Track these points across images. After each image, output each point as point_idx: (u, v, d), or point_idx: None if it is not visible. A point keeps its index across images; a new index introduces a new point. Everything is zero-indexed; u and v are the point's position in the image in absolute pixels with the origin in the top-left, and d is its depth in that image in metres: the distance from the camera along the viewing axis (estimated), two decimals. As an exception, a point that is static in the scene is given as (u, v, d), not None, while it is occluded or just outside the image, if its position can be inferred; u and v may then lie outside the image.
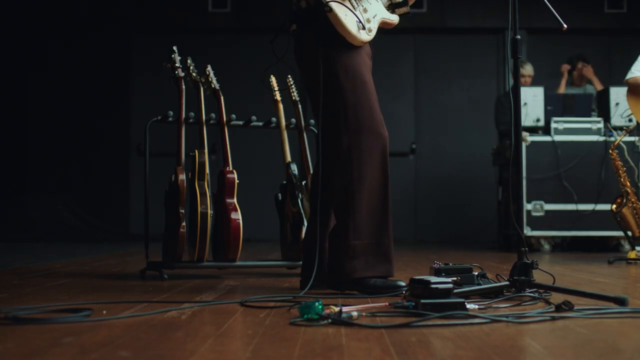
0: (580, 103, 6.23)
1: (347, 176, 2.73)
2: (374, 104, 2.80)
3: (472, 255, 5.62)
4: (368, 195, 2.73)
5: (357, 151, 2.73)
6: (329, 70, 2.77)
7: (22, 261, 4.80)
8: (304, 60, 2.88)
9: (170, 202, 3.50)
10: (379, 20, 2.91)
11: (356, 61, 2.79)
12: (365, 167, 2.73)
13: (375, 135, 2.76)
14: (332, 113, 2.78)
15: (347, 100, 2.75)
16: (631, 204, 4.73)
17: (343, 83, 2.76)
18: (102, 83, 8.91)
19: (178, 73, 3.67)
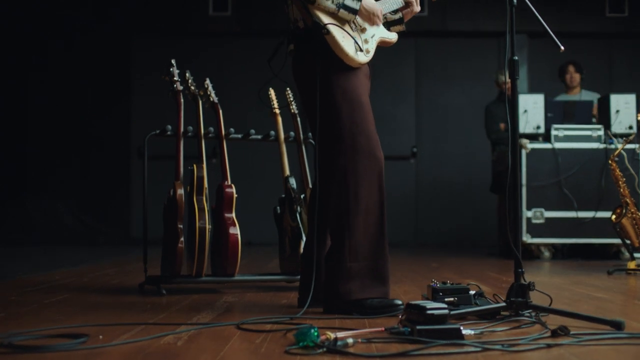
0: (580, 110, 6.22)
1: (343, 198, 2.73)
2: (371, 126, 2.80)
3: (472, 263, 5.62)
4: (364, 217, 2.73)
5: (353, 173, 2.73)
6: (326, 91, 2.76)
7: (22, 271, 4.80)
8: (301, 81, 2.87)
9: (168, 217, 3.51)
10: (377, 39, 2.91)
11: (354, 83, 2.79)
12: (361, 189, 2.73)
13: (371, 158, 2.76)
14: (329, 134, 2.78)
15: (343, 122, 2.75)
16: (631, 215, 4.73)
17: (340, 105, 2.76)
18: (102, 85, 8.91)
19: (176, 87, 3.67)
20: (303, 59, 2.84)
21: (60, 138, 8.89)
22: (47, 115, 8.92)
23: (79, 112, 8.92)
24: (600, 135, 6.06)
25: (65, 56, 8.92)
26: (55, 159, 8.87)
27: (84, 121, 8.90)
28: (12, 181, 8.87)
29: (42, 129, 8.92)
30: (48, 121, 8.92)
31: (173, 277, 3.43)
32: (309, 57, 2.79)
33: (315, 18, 2.73)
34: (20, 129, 8.99)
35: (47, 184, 8.81)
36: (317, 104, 2.77)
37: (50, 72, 8.92)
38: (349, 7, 2.76)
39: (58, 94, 8.91)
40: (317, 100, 2.77)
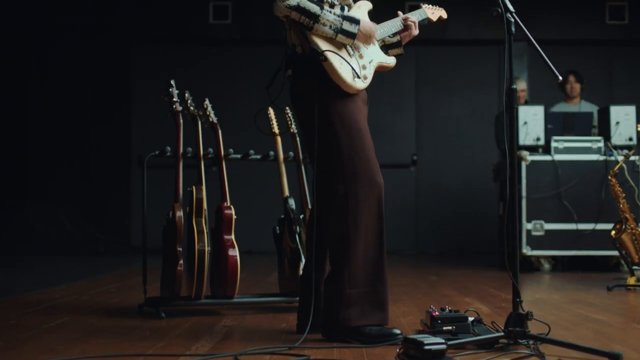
0: (580, 122, 6.22)
1: (343, 224, 2.74)
2: (370, 152, 2.81)
3: (471, 277, 5.62)
4: (364, 243, 2.74)
5: (353, 199, 2.74)
6: (324, 117, 2.77)
7: (22, 285, 4.82)
8: (299, 107, 2.88)
9: (167, 239, 3.51)
10: (375, 65, 2.91)
11: (351, 109, 2.80)
12: (361, 215, 2.74)
13: (371, 183, 2.77)
14: (328, 161, 2.78)
15: (342, 148, 2.76)
16: (630, 230, 4.73)
17: (338, 131, 2.76)
18: (103, 92, 8.91)
19: (175, 107, 3.66)
20: (301, 85, 2.84)
21: (61, 145, 8.89)
22: (48, 122, 8.92)
23: (79, 118, 8.92)
24: (600, 147, 6.06)
25: (65, 64, 8.91)
26: (56, 166, 8.86)
27: (84, 128, 8.90)
28: (13, 189, 8.87)
29: (42, 136, 8.92)
30: (48, 128, 8.91)
31: (172, 299, 3.43)
32: (307, 83, 2.80)
33: (312, 45, 2.74)
34: (20, 136, 8.98)
35: (48, 192, 8.81)
36: (316, 131, 2.77)
37: (50, 80, 8.92)
38: (347, 32, 2.77)
39: (58, 100, 8.90)
40: (315, 127, 2.78)
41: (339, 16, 2.75)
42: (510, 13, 2.65)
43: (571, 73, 6.92)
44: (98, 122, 8.90)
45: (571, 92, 6.88)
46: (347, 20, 2.75)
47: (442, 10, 3.38)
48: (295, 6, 2.68)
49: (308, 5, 2.69)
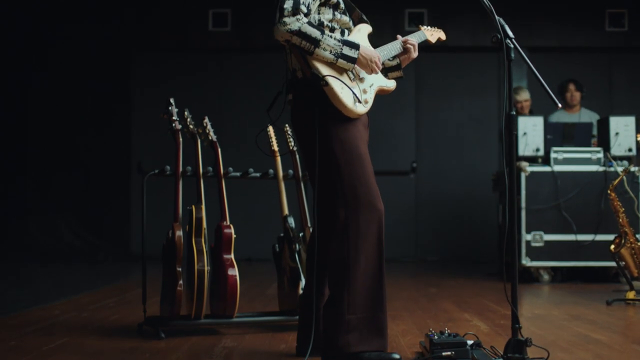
0: (580, 132, 6.22)
1: (343, 250, 2.74)
2: (370, 177, 2.81)
3: (471, 289, 5.62)
4: (364, 269, 2.74)
5: (354, 225, 2.74)
6: (325, 142, 2.77)
7: (22, 299, 4.82)
8: (300, 131, 2.88)
9: (167, 258, 3.51)
10: (376, 89, 2.91)
11: (352, 134, 2.80)
12: (361, 241, 2.74)
13: (371, 209, 2.77)
14: (328, 185, 2.79)
15: (343, 174, 2.76)
16: (630, 244, 4.74)
17: (339, 156, 2.76)
18: (103, 100, 8.91)
19: (175, 125, 3.66)
20: (301, 109, 2.84)
21: (61, 152, 8.89)
22: (47, 129, 8.92)
23: (79, 126, 8.92)
24: (600, 157, 6.06)
25: (65, 71, 8.91)
26: (55, 174, 8.86)
27: (84, 136, 8.90)
28: (12, 197, 8.86)
29: (42, 143, 8.92)
30: (48, 135, 8.92)
31: (172, 319, 3.43)
32: (308, 108, 2.80)
33: (313, 70, 2.74)
34: (20, 143, 8.99)
35: (47, 199, 8.81)
36: (316, 156, 2.77)
37: (50, 88, 8.93)
38: (348, 57, 2.76)
39: (58, 107, 8.91)
40: (315, 150, 2.78)
41: (340, 41, 2.75)
42: (510, 39, 2.63)
43: (571, 82, 6.92)
44: (98, 129, 8.90)
45: (571, 101, 6.88)
46: (347, 46, 2.75)
47: (441, 32, 3.38)
48: (297, 31, 2.68)
49: (309, 30, 2.69)
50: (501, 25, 2.68)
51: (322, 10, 2.85)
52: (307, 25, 2.69)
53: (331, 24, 2.86)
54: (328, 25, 2.84)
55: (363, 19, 3.05)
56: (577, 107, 6.92)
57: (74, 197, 8.84)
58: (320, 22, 2.83)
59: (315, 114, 2.76)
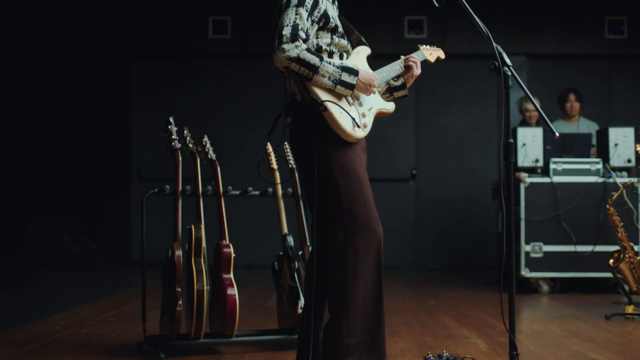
0: (579, 143, 6.22)
1: (341, 273, 2.75)
2: (369, 201, 2.82)
3: (471, 301, 5.63)
4: (362, 292, 2.75)
5: (352, 249, 2.75)
6: (324, 166, 2.78)
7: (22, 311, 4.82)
8: (299, 154, 2.89)
9: (167, 278, 3.52)
10: (375, 112, 2.92)
11: (351, 158, 2.80)
12: (360, 264, 2.75)
13: (370, 233, 2.77)
14: (327, 209, 2.80)
15: (341, 198, 2.77)
16: (628, 259, 4.74)
17: (338, 180, 2.77)
18: (102, 107, 8.93)
19: (174, 144, 3.67)
20: (301, 134, 2.85)
21: (61, 158, 8.90)
22: (48, 135, 8.93)
23: (79, 132, 8.92)
24: (599, 168, 6.06)
25: (65, 78, 8.92)
26: (55, 180, 8.87)
27: (84, 142, 8.91)
28: (13, 204, 8.87)
29: (42, 149, 8.93)
30: (48, 141, 8.93)
31: (171, 339, 3.44)
32: (307, 132, 2.81)
33: (312, 95, 2.74)
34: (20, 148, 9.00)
35: (47, 206, 8.81)
36: (315, 180, 2.78)
37: (51, 94, 8.93)
38: (346, 83, 2.77)
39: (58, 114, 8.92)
40: (314, 174, 2.79)
41: (338, 67, 2.75)
42: (507, 67, 2.64)
43: (571, 91, 6.92)
44: (98, 135, 8.91)
45: (570, 111, 6.89)
46: (345, 72, 2.76)
47: (440, 51, 3.39)
48: (296, 58, 2.69)
49: (308, 57, 2.70)
50: (499, 53, 2.68)
51: (320, 35, 2.86)
52: (305, 52, 2.69)
53: (329, 47, 2.86)
54: (326, 49, 2.85)
55: (362, 41, 3.06)
56: (576, 117, 6.93)
57: (73, 203, 8.85)
58: (318, 46, 2.84)
59: (314, 138, 2.77)
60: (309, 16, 2.77)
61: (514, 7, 8.77)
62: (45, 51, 8.90)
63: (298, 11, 2.75)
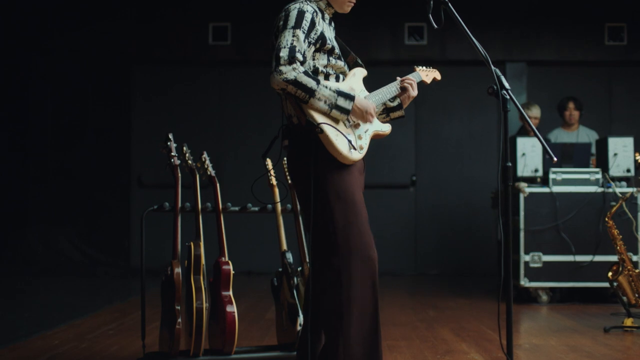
0: (579, 152, 6.23)
1: (336, 299, 2.75)
2: (364, 225, 2.81)
3: (470, 312, 5.63)
4: (358, 318, 2.75)
5: (346, 274, 2.75)
6: (320, 189, 2.79)
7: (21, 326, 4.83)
8: (295, 176, 2.90)
9: (166, 295, 3.53)
10: (371, 134, 2.93)
11: (347, 181, 2.81)
12: (354, 290, 2.75)
13: (364, 258, 2.78)
14: (323, 232, 2.80)
15: (337, 222, 2.77)
16: (627, 272, 4.75)
17: (333, 204, 2.78)
18: (102, 113, 8.94)
19: (173, 161, 3.68)
20: (297, 155, 2.86)
21: (60, 167, 8.91)
22: (48, 141, 8.94)
23: (79, 138, 8.94)
24: (598, 178, 6.07)
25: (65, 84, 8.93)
26: (55, 187, 8.88)
27: (84, 148, 8.92)
28: (13, 211, 8.88)
29: (42, 156, 8.94)
30: (48, 148, 8.94)
31: (171, 356, 3.45)
32: (303, 155, 2.81)
33: (308, 117, 2.75)
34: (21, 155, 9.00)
35: (47, 212, 8.82)
36: (312, 202, 2.79)
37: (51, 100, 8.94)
38: (342, 108, 2.78)
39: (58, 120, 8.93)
40: (310, 196, 2.80)
41: (335, 91, 2.76)
42: (506, 90, 2.65)
43: (571, 100, 6.93)
44: (98, 141, 8.92)
45: (570, 120, 6.90)
46: (342, 97, 2.77)
47: (436, 72, 3.40)
48: (293, 80, 2.70)
49: (305, 80, 2.70)
50: (497, 76, 2.68)
51: (317, 56, 2.87)
52: (303, 74, 2.70)
53: (326, 69, 2.87)
54: (323, 71, 2.86)
55: (358, 63, 3.07)
56: (576, 125, 6.94)
57: (73, 209, 8.86)
58: (315, 68, 2.85)
59: (310, 160, 2.78)
60: (305, 38, 2.78)
61: (514, 14, 8.77)
62: (45, 57, 8.91)
63: (295, 33, 2.76)
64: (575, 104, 6.89)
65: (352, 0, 2.98)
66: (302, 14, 2.79)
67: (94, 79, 8.93)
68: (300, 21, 2.78)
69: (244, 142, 8.89)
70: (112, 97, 8.95)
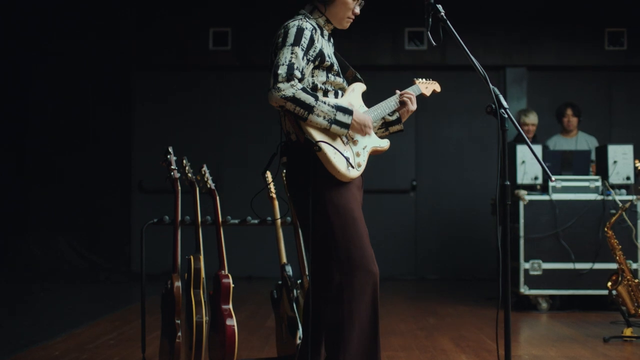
0: (578, 160, 6.24)
1: (338, 313, 2.77)
2: (365, 240, 2.83)
3: (470, 320, 5.64)
4: (359, 332, 2.77)
5: (348, 289, 2.77)
6: (319, 206, 2.80)
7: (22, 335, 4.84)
8: (294, 193, 2.92)
9: (166, 309, 3.54)
10: (369, 150, 2.94)
11: (346, 197, 2.82)
12: (356, 304, 2.77)
13: (366, 273, 2.79)
14: (323, 249, 2.82)
15: (337, 238, 2.79)
16: (626, 282, 4.76)
17: (333, 221, 2.79)
18: (103, 118, 8.94)
19: (173, 174, 3.69)
20: (296, 173, 2.88)
21: (61, 172, 8.91)
22: (48, 147, 8.95)
23: (79, 144, 8.94)
24: (598, 186, 6.08)
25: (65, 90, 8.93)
26: (56, 192, 8.88)
27: (84, 154, 8.93)
28: (14, 217, 8.89)
29: (43, 161, 8.94)
30: (49, 153, 8.95)
31: (171, 370, 3.47)
32: (302, 172, 2.83)
33: (307, 135, 2.76)
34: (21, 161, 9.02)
35: (48, 217, 8.83)
36: (311, 220, 2.80)
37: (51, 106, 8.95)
38: (341, 122, 2.79)
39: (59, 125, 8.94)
40: (309, 214, 2.81)
41: (333, 107, 2.77)
42: (504, 109, 2.65)
43: (569, 106, 6.93)
44: (99, 146, 8.92)
45: (568, 126, 6.91)
46: (340, 111, 2.78)
47: (436, 84, 3.42)
48: (291, 97, 2.71)
49: (303, 97, 2.72)
50: (496, 95, 2.69)
51: (316, 73, 2.88)
52: (301, 91, 2.71)
53: (325, 86, 2.89)
54: (322, 87, 2.87)
55: (357, 78, 3.08)
56: (574, 131, 6.95)
57: (74, 214, 8.86)
58: (314, 84, 2.86)
59: (309, 178, 2.79)
60: (304, 55, 2.79)
61: (514, 19, 8.77)
62: (45, 63, 8.92)
63: (294, 50, 2.77)
64: (573, 110, 6.89)
65: (351, 17, 2.99)
66: (301, 32, 2.81)
67: (95, 83, 8.94)
68: (300, 39, 2.79)
69: (245, 147, 8.90)
70: (112, 101, 8.96)
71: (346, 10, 2.94)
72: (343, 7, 2.93)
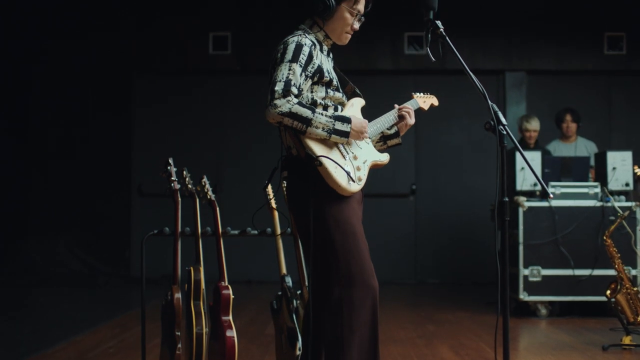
0: (577, 166, 6.25)
1: (337, 327, 2.78)
2: (365, 254, 2.84)
3: (469, 326, 5.65)
4: (358, 347, 2.78)
5: (348, 303, 2.78)
6: (320, 221, 2.81)
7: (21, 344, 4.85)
8: (294, 207, 2.93)
9: (166, 320, 3.55)
10: (369, 164, 2.95)
11: (346, 212, 2.83)
12: (355, 319, 2.78)
13: (365, 287, 2.80)
14: (323, 263, 2.83)
15: (337, 252, 2.80)
16: (625, 290, 4.77)
17: (333, 235, 2.80)
18: (103, 122, 8.96)
19: (173, 185, 3.70)
20: (296, 188, 2.89)
21: (60, 177, 8.93)
22: (48, 151, 8.97)
23: (79, 149, 8.96)
24: (597, 192, 6.09)
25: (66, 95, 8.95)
26: (56, 198, 8.89)
27: (83, 159, 8.94)
28: (14, 221, 8.90)
29: (43, 168, 8.96)
30: (49, 158, 8.96)
31: (171, 382, 3.48)
32: (302, 186, 2.84)
33: (307, 150, 2.77)
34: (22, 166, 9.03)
35: (47, 222, 8.84)
36: (311, 234, 2.81)
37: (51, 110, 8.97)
38: (340, 131, 2.81)
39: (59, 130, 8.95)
40: (309, 228, 2.82)
41: (331, 117, 2.79)
42: (503, 126, 2.66)
43: (568, 112, 6.94)
44: (98, 150, 8.93)
45: (567, 132, 6.92)
46: (338, 121, 2.80)
47: (434, 98, 3.44)
48: (288, 112, 2.72)
49: (300, 111, 2.72)
50: (494, 112, 2.70)
51: (315, 89, 2.89)
52: (297, 106, 2.72)
53: (324, 101, 2.89)
54: (321, 103, 2.88)
55: (356, 93, 3.09)
56: (574, 137, 6.96)
57: (73, 218, 8.87)
58: (313, 100, 2.87)
59: (309, 193, 2.80)
60: (302, 71, 2.80)
61: (513, 23, 8.78)
62: (45, 63, 8.93)
63: (291, 67, 2.78)
64: (572, 116, 6.90)
65: (350, 32, 3.00)
66: (299, 48, 2.81)
67: (95, 87, 8.95)
68: (298, 55, 2.80)
69: (245, 150, 8.92)
70: (112, 105, 8.97)
71: (344, 25, 2.95)
72: (341, 22, 2.94)
